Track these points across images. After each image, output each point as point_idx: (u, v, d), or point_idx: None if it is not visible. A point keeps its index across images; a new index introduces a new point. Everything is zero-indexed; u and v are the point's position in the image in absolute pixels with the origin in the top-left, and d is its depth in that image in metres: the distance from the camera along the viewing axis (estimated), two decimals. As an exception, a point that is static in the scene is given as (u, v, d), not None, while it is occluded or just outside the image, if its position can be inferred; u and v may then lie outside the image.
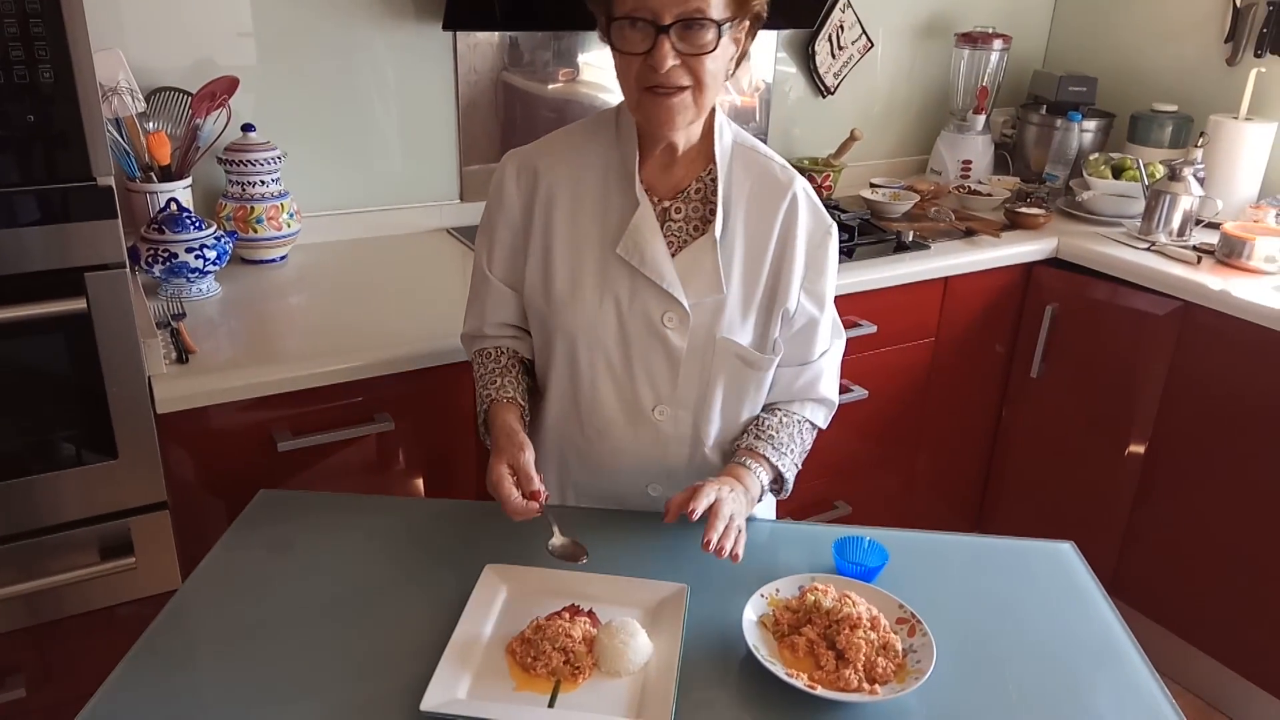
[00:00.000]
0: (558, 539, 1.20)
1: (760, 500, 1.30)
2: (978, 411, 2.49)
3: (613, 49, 1.16)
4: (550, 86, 2.25)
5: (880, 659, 1.07)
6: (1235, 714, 2.22)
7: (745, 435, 1.33)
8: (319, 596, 1.17)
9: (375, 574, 1.21)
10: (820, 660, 1.08)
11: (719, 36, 1.13)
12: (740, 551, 1.18)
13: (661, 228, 1.26)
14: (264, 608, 1.15)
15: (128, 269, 1.35)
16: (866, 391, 2.17)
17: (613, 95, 2.28)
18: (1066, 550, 1.35)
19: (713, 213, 1.26)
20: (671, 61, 1.12)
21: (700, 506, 1.17)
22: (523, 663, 1.06)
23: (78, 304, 1.30)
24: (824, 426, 1.41)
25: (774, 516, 1.49)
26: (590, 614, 1.12)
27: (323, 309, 1.78)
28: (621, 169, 1.26)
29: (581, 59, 2.28)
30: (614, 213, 1.25)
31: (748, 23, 1.19)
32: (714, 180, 1.26)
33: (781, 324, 1.30)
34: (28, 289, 1.30)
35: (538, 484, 1.19)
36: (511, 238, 1.30)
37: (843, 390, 2.14)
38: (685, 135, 1.24)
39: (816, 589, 1.16)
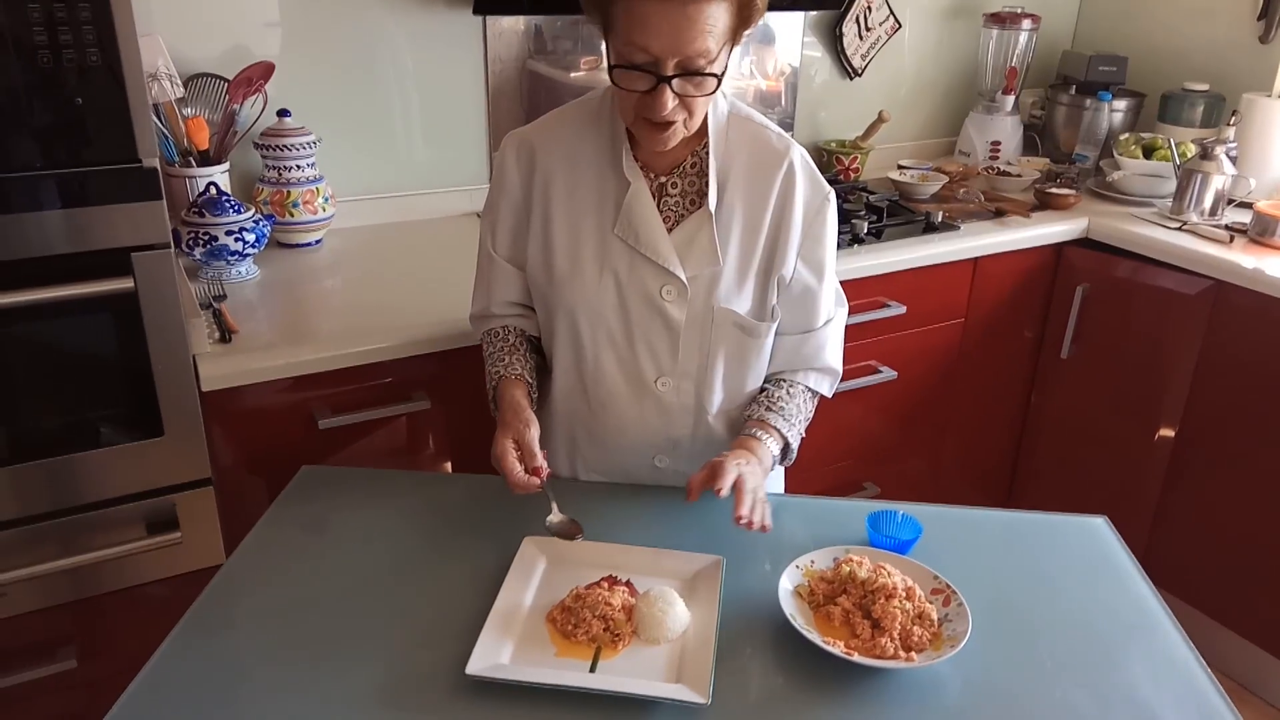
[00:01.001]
0: (555, 516, 1.22)
1: (771, 469, 1.32)
2: (1007, 393, 2.49)
3: (612, 81, 1.17)
4: (573, 74, 2.27)
5: (916, 628, 1.08)
6: (1268, 694, 2.22)
7: (754, 406, 1.35)
8: (361, 569, 1.20)
9: (415, 547, 1.24)
10: (856, 629, 1.09)
11: (718, 80, 1.16)
12: (770, 523, 1.20)
13: (658, 203, 1.27)
14: (308, 581, 1.18)
15: (172, 249, 1.38)
16: (895, 373, 2.18)
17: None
18: (1100, 525, 1.36)
19: (708, 186, 1.27)
20: (671, 105, 1.15)
21: (726, 484, 1.19)
22: (563, 630, 1.08)
23: (125, 283, 1.34)
24: (828, 395, 1.42)
25: (783, 489, 1.50)
26: (628, 584, 1.14)
27: (358, 291, 1.81)
28: (613, 151, 1.27)
29: (604, 48, 2.28)
30: (609, 192, 1.27)
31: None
32: (709, 154, 1.27)
33: (778, 291, 1.32)
34: (76, 269, 1.33)
35: (540, 460, 1.21)
36: (514, 217, 1.33)
37: (871, 371, 2.17)
38: None
39: (851, 560, 1.17)
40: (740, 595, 1.15)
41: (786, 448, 1.34)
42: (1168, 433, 2.27)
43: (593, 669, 1.04)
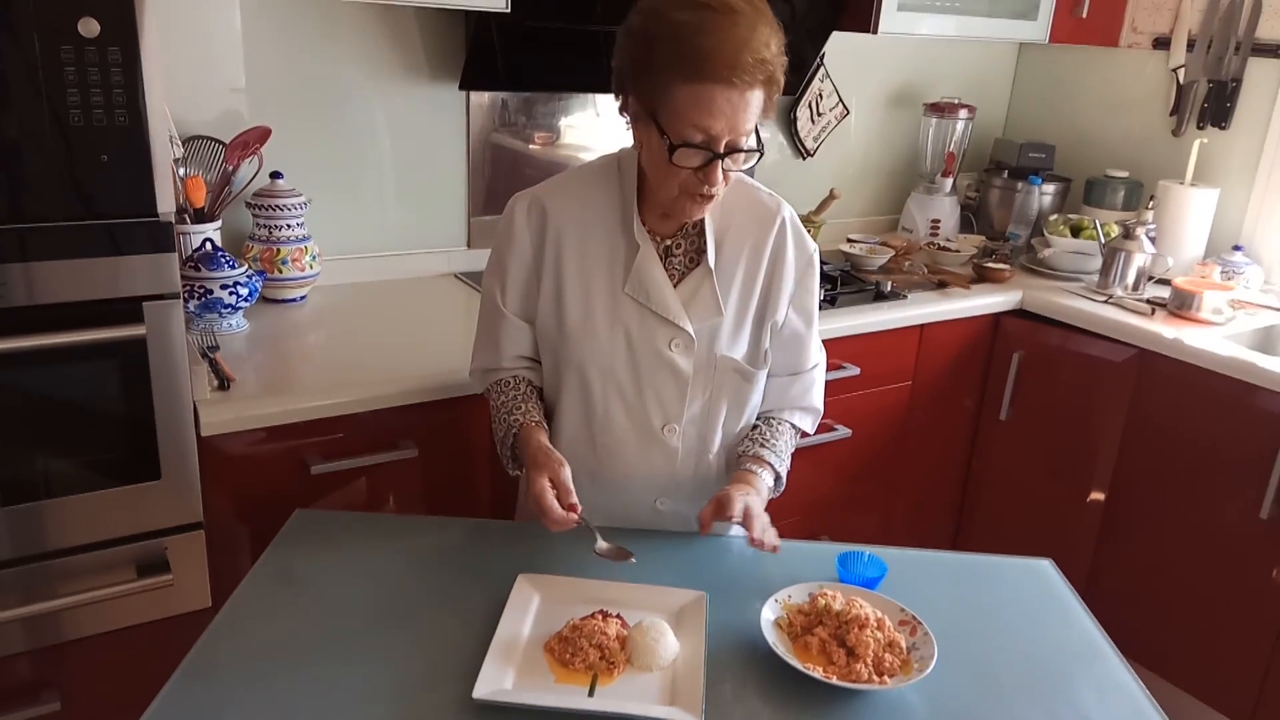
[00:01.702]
0: (603, 544, 1.30)
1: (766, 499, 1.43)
2: (951, 451, 2.64)
3: (669, 160, 1.25)
4: (530, 146, 2.41)
5: (887, 655, 1.17)
6: (1197, 740, 2.34)
7: (747, 443, 1.46)
8: (359, 609, 1.23)
9: (410, 587, 1.28)
10: (833, 657, 1.17)
11: (759, 155, 1.29)
12: (778, 543, 1.32)
13: (664, 263, 1.38)
14: (307, 621, 1.20)
15: (181, 299, 1.44)
16: (850, 430, 2.30)
17: (594, 155, 2.43)
18: (1046, 566, 1.47)
19: (706, 244, 1.38)
20: (721, 179, 1.27)
21: (738, 511, 1.30)
22: (561, 659, 1.15)
23: (138, 330, 1.40)
24: (810, 432, 1.54)
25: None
26: (619, 617, 1.21)
27: (343, 345, 1.88)
28: (623, 215, 1.37)
29: (563, 122, 2.44)
30: (620, 253, 1.37)
31: None
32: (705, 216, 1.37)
33: (770, 336, 1.43)
34: (87, 316, 1.39)
35: (575, 499, 1.28)
36: (524, 273, 1.40)
37: (828, 429, 2.29)
38: None
39: (826, 594, 1.26)
40: (723, 628, 1.23)
41: (777, 478, 1.45)
42: (1099, 488, 2.43)
43: (590, 694, 1.10)
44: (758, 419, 1.50)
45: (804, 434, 1.54)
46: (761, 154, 1.29)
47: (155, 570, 1.54)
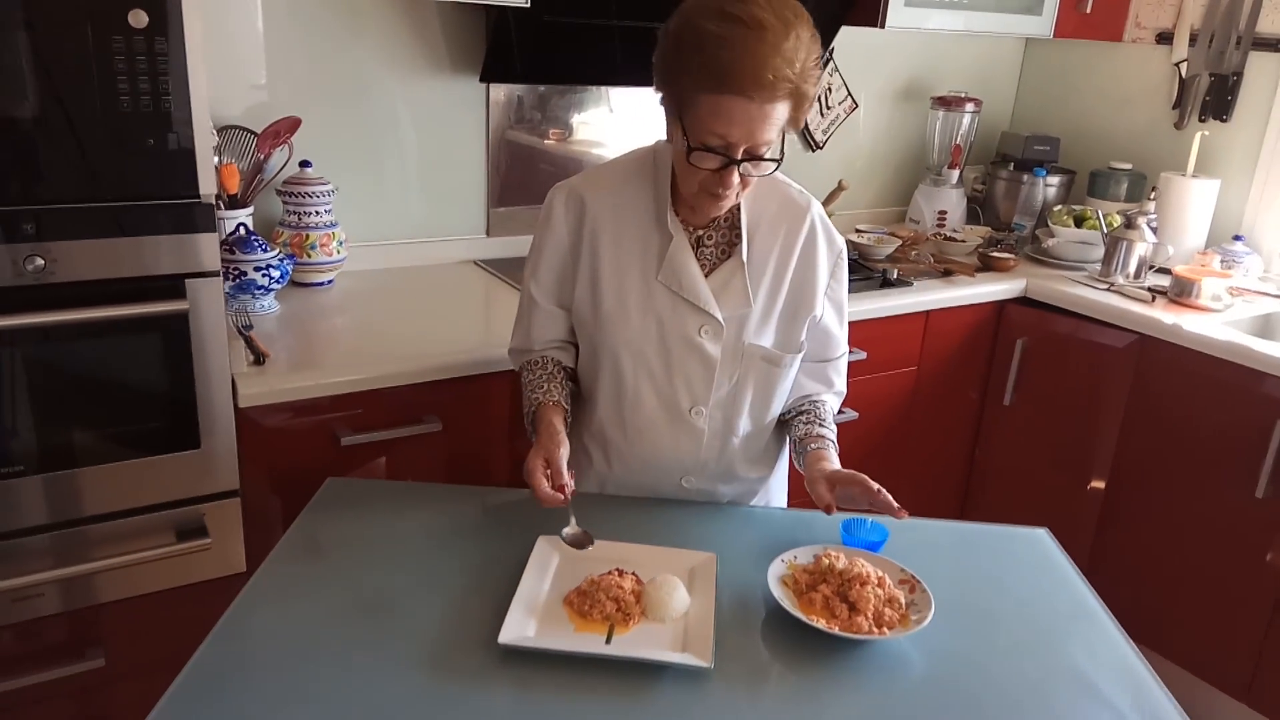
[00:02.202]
0: (571, 528, 1.34)
1: None
2: (956, 435, 2.70)
3: (686, 160, 1.31)
4: (545, 143, 2.49)
5: (887, 609, 1.24)
6: (1201, 718, 2.40)
7: (808, 424, 1.52)
8: (387, 571, 1.30)
9: (436, 550, 1.35)
10: (835, 611, 1.24)
11: (777, 164, 1.33)
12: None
13: (696, 253, 1.43)
14: (336, 584, 1.27)
15: (220, 277, 1.53)
16: (857, 413, 2.37)
17: (606, 150, 2.53)
18: (1043, 535, 1.54)
19: (739, 237, 1.44)
20: (737, 184, 1.32)
21: (874, 484, 1.38)
22: (580, 610, 1.22)
23: (181, 304, 1.48)
24: (837, 410, 1.62)
25: (785, 503, 1.67)
26: (634, 575, 1.29)
27: (370, 326, 1.96)
28: (657, 207, 1.43)
29: (577, 119, 2.51)
30: (653, 243, 1.43)
31: None
32: (738, 210, 1.44)
33: (809, 328, 1.50)
34: (132, 292, 1.47)
35: (566, 479, 1.34)
36: (560, 261, 1.47)
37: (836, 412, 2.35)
38: None
39: (830, 554, 1.33)
40: (732, 586, 1.30)
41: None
42: (1100, 474, 2.49)
43: (608, 641, 1.17)
44: (803, 402, 1.56)
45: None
46: (779, 163, 1.33)
47: (193, 535, 1.62)
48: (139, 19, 1.37)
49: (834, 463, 1.46)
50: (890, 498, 1.36)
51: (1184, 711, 1.16)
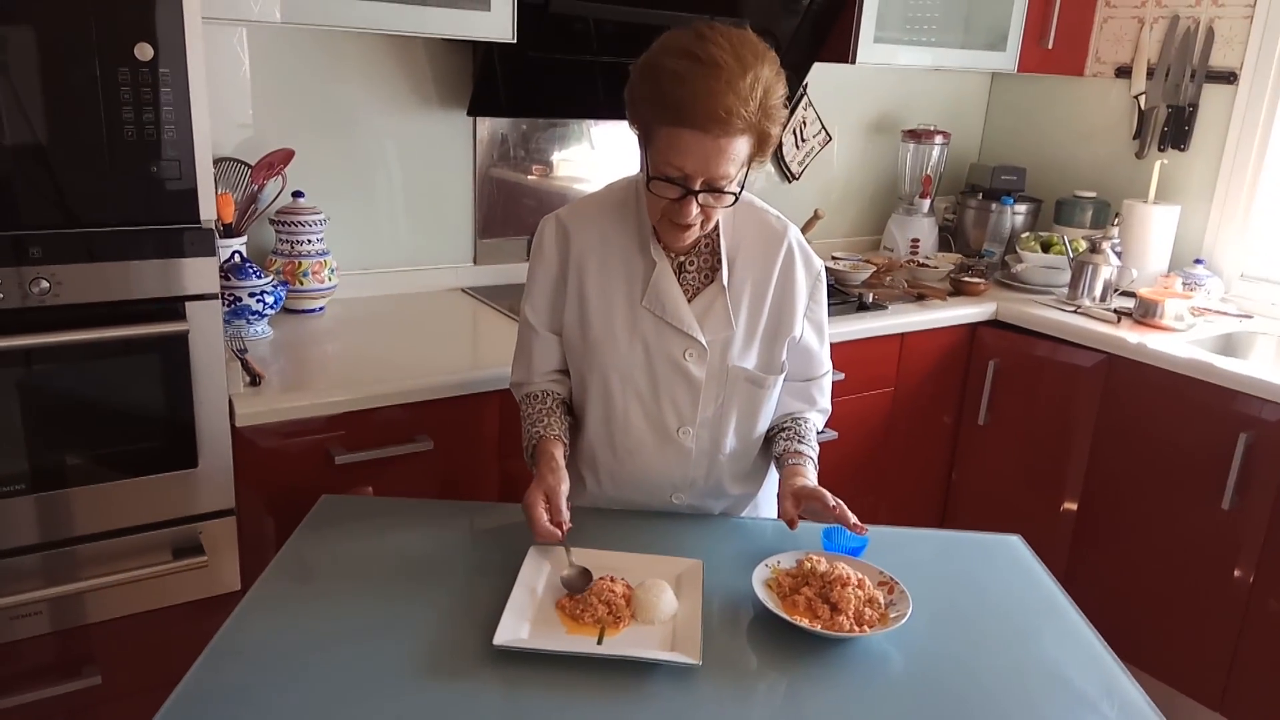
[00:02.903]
0: (570, 570, 1.34)
1: None
2: (933, 453, 2.77)
3: (647, 189, 1.38)
4: (529, 178, 2.56)
5: (867, 609, 1.29)
6: (1172, 727, 2.45)
7: (786, 440, 1.57)
8: (382, 584, 1.32)
9: (430, 564, 1.38)
10: (817, 612, 1.28)
11: (735, 197, 1.38)
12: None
13: (678, 278, 1.49)
14: (330, 598, 1.29)
15: (220, 300, 1.57)
16: (836, 433, 2.43)
17: (587, 185, 2.60)
18: (1016, 541, 1.60)
19: (720, 262, 1.49)
20: (694, 214, 1.37)
21: (833, 501, 1.41)
22: (572, 614, 1.26)
23: (182, 326, 1.53)
24: (821, 429, 1.67)
25: (776, 515, 1.72)
26: (624, 581, 1.33)
27: (361, 350, 2.01)
28: (640, 235, 1.48)
29: (557, 156, 2.59)
30: (637, 269, 1.48)
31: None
32: (718, 237, 1.49)
33: (789, 349, 1.55)
34: (135, 314, 1.52)
35: (565, 515, 1.37)
36: (551, 287, 1.53)
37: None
38: None
39: (812, 559, 1.38)
40: (718, 591, 1.34)
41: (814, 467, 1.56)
42: (1073, 488, 2.56)
43: (599, 643, 1.21)
44: (785, 419, 1.61)
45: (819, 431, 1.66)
46: (736, 198, 1.38)
47: (190, 553, 1.65)
48: (144, 51, 1.43)
49: (808, 478, 1.49)
50: (847, 512, 1.40)
51: (1152, 703, 1.21)
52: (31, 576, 1.56)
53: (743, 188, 1.40)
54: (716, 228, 1.49)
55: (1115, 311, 2.60)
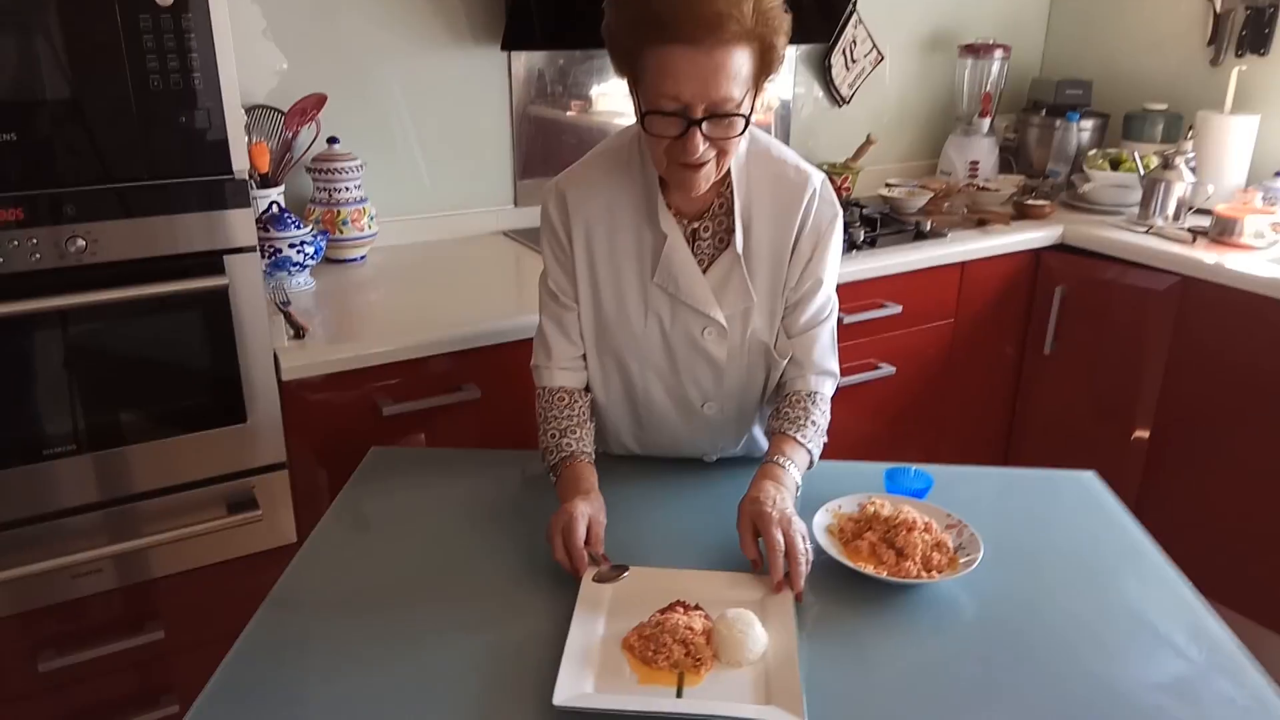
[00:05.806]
0: (599, 567, 1.22)
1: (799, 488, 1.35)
2: (996, 386, 2.68)
3: (644, 129, 1.22)
4: (568, 114, 2.48)
5: (935, 554, 1.24)
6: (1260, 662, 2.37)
7: (777, 422, 1.39)
8: (431, 538, 1.31)
9: (478, 514, 1.36)
10: (882, 558, 1.23)
11: (746, 120, 1.21)
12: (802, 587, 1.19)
13: (691, 248, 1.35)
14: (381, 553, 1.28)
15: (258, 252, 1.54)
16: (894, 368, 2.36)
17: (625, 118, 2.48)
18: (1090, 477, 1.53)
19: (735, 224, 1.33)
20: (702, 148, 1.20)
21: (778, 543, 1.20)
22: (643, 656, 1.06)
23: (221, 280, 1.50)
24: (829, 395, 1.45)
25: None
26: (701, 611, 1.13)
27: (405, 298, 1.98)
28: (647, 200, 1.34)
29: (595, 90, 2.50)
30: (647, 242, 1.35)
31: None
32: (732, 195, 1.33)
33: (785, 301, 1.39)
34: (173, 269, 1.50)
35: (601, 549, 1.22)
36: (563, 260, 1.39)
37: (871, 367, 2.34)
38: None
39: (875, 502, 1.33)
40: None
41: (810, 460, 1.39)
42: (1146, 419, 2.45)
43: (679, 694, 1.02)
44: (788, 393, 1.43)
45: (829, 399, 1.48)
46: (749, 122, 1.21)
47: (244, 508, 1.65)
48: (164, -3, 1.38)
49: (782, 489, 1.28)
50: (777, 572, 1.18)
51: (1243, 645, 1.14)
52: (92, 534, 1.57)
53: (752, 113, 1.22)
54: (730, 187, 1.34)
55: (1190, 231, 2.46)
